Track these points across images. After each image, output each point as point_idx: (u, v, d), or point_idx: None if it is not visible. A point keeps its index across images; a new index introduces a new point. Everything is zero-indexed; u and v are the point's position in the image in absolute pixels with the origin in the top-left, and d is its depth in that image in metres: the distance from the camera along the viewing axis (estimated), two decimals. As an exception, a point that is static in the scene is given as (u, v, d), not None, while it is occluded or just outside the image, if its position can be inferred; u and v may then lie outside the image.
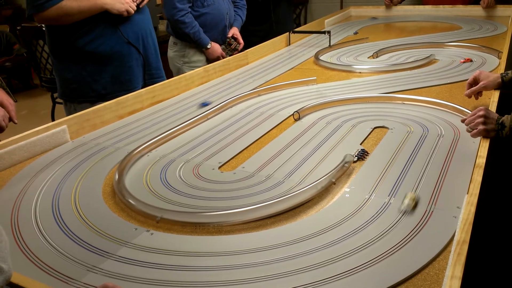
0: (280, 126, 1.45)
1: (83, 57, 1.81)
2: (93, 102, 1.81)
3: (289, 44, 2.69)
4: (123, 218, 0.98)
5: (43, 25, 3.27)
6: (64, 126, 1.40)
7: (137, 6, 1.84)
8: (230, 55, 2.47)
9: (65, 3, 1.69)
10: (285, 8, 3.24)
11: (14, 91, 5.16)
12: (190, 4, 2.41)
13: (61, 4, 1.68)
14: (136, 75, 1.93)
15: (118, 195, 1.05)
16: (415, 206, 0.94)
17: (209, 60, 2.50)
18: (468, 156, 1.14)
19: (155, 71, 2.02)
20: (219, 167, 1.19)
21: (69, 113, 1.90)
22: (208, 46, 2.48)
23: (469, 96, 1.46)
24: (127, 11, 1.78)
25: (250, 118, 1.53)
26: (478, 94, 1.47)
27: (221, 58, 2.48)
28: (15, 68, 5.25)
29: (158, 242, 0.88)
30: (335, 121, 1.44)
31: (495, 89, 1.46)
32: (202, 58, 2.53)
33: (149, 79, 2.00)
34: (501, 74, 1.44)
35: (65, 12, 1.69)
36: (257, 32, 3.08)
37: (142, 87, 1.90)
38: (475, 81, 1.46)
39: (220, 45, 2.56)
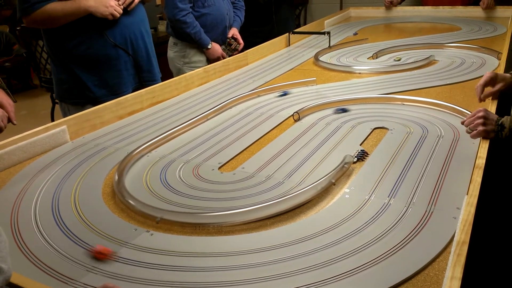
0: (280, 126, 1.45)
1: (72, 59, 1.81)
2: (83, 105, 1.82)
3: (289, 45, 2.69)
4: (123, 218, 0.98)
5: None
6: (64, 127, 1.40)
7: (125, 8, 1.82)
8: (230, 56, 2.47)
9: (49, 7, 1.69)
10: (286, 9, 3.24)
11: (14, 92, 5.16)
12: (191, 5, 2.41)
13: (45, 7, 1.68)
14: (125, 79, 1.92)
15: (118, 196, 1.05)
16: None
17: (210, 61, 2.51)
18: (468, 157, 1.14)
19: (147, 74, 2.00)
20: (219, 168, 1.19)
21: (64, 113, 1.91)
22: (209, 47, 2.48)
23: (484, 100, 1.38)
24: (112, 15, 1.76)
25: (250, 118, 1.54)
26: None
27: (222, 58, 2.48)
28: (15, 68, 5.26)
29: (158, 243, 0.88)
30: (334, 122, 1.44)
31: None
32: (202, 58, 2.53)
33: (141, 82, 1.98)
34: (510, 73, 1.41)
35: (49, 15, 1.70)
36: (258, 33, 3.08)
37: (134, 91, 1.86)
38: (492, 82, 1.37)
39: (220, 45, 2.56)
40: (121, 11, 1.80)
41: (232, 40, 2.60)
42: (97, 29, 1.79)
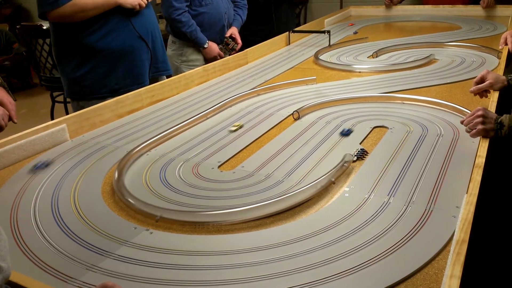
0: (279, 125, 1.45)
1: (94, 54, 1.81)
2: (104, 98, 1.80)
3: (289, 44, 2.69)
4: (122, 217, 0.98)
5: (43, 25, 3.27)
6: (64, 125, 1.40)
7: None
8: (228, 55, 2.47)
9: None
10: (286, 8, 3.24)
11: (14, 90, 5.12)
12: (188, 3, 2.41)
13: (76, 0, 1.69)
14: (146, 69, 1.96)
15: (118, 194, 1.05)
16: None
17: (207, 59, 2.51)
18: (468, 156, 1.14)
19: (162, 64, 2.04)
20: (219, 166, 1.19)
21: (76, 111, 1.90)
22: (205, 46, 2.47)
23: (474, 92, 1.46)
24: (139, 5, 1.81)
25: (249, 117, 1.53)
26: (485, 92, 1.46)
27: (219, 57, 2.48)
28: (15, 67, 5.25)
29: (158, 241, 0.88)
30: (334, 121, 1.44)
31: (499, 90, 1.46)
32: (199, 57, 2.53)
33: (156, 72, 2.01)
34: (508, 76, 1.44)
35: (80, 8, 1.71)
36: (259, 32, 3.08)
37: (150, 81, 1.94)
38: (482, 80, 1.45)
39: (218, 44, 2.56)
40: (146, 1, 1.84)
41: (230, 39, 2.59)
42: (123, 20, 1.82)
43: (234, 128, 1.31)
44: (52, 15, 1.73)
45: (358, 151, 1.20)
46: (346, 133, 1.30)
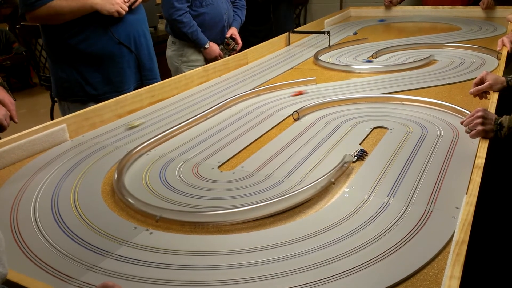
0: (279, 126, 1.45)
1: (75, 57, 1.80)
2: (85, 103, 1.81)
3: (289, 44, 2.69)
4: (122, 217, 0.98)
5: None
6: (64, 125, 1.40)
7: (129, 6, 1.83)
8: (228, 55, 2.47)
9: (55, 3, 1.68)
10: (285, 9, 3.24)
11: (13, 90, 5.15)
12: (189, 4, 2.41)
13: (51, 3, 1.68)
14: (128, 77, 1.92)
15: (118, 194, 1.05)
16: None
17: (207, 60, 2.51)
18: (467, 157, 1.15)
19: (149, 72, 2.01)
20: (219, 167, 1.19)
21: (63, 111, 1.90)
22: (206, 46, 2.48)
23: (474, 94, 1.46)
24: (118, 12, 1.77)
25: (249, 117, 1.54)
26: (485, 93, 1.47)
27: (219, 58, 2.48)
28: (14, 66, 5.25)
29: (157, 241, 0.88)
30: (334, 121, 1.44)
31: (498, 91, 1.46)
32: (200, 57, 2.53)
33: (144, 80, 1.99)
34: (507, 77, 1.45)
35: (55, 11, 1.69)
36: (257, 33, 3.08)
37: (135, 89, 1.88)
38: (481, 81, 1.46)
39: (219, 45, 2.56)
40: (127, 9, 1.80)
41: (230, 40, 2.60)
42: (102, 25, 1.79)
43: None
44: (29, 17, 1.73)
45: (358, 152, 1.20)
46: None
